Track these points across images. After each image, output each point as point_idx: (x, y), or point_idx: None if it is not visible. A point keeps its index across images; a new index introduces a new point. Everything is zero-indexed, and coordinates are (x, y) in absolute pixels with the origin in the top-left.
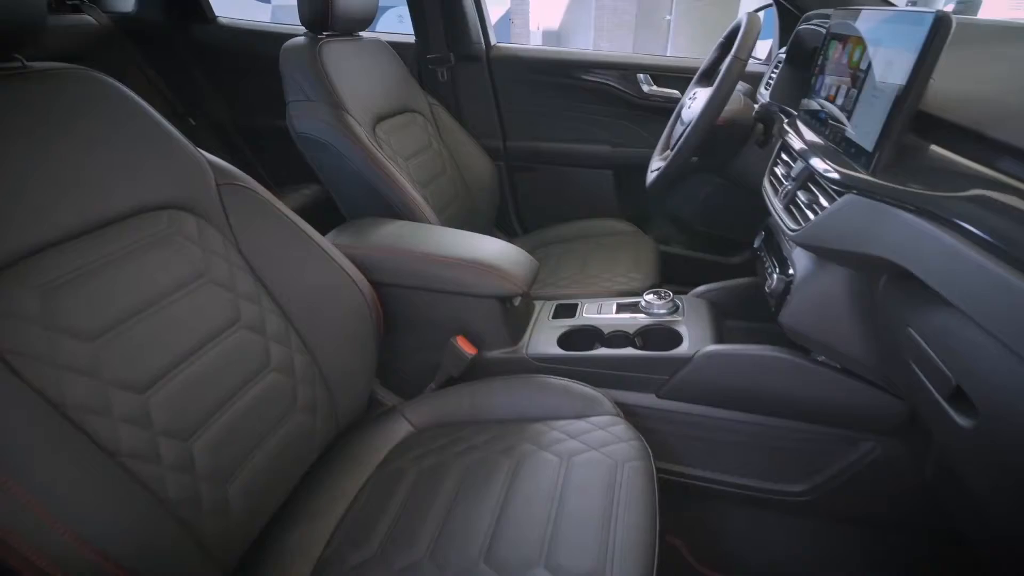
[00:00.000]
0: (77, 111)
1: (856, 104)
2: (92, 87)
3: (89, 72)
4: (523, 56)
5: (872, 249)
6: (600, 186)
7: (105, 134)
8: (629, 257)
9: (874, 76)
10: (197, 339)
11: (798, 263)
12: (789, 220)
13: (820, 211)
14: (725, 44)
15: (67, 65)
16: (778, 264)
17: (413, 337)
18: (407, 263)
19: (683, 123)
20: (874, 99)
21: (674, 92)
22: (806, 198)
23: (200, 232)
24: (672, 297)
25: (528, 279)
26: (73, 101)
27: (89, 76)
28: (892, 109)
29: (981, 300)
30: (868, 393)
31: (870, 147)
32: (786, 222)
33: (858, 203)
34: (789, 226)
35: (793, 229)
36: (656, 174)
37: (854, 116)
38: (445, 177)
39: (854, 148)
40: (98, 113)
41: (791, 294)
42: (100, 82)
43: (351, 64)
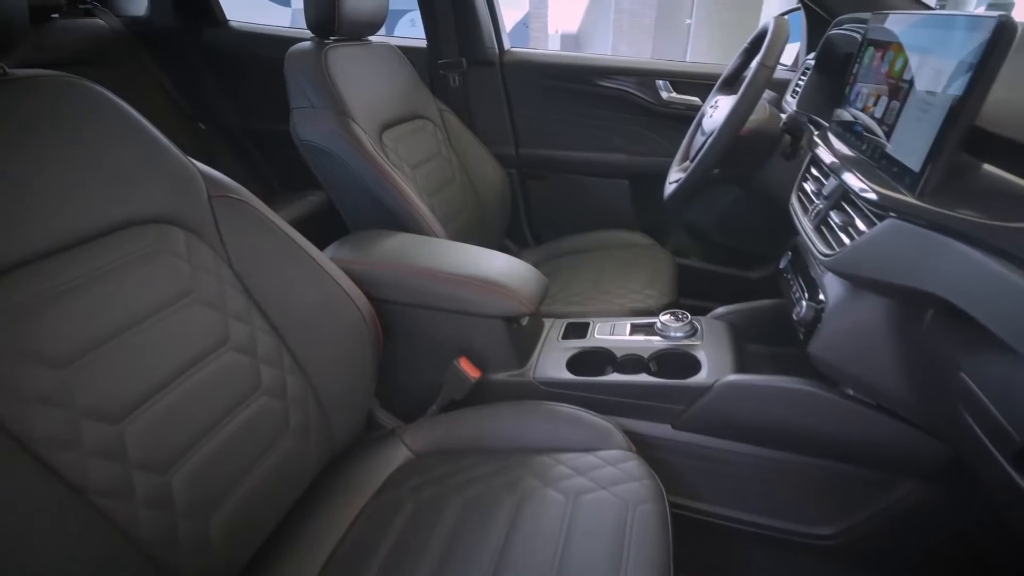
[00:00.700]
0: (60, 120)
1: (899, 118)
2: (78, 95)
3: (76, 80)
4: (537, 61)
5: (918, 282)
6: (615, 196)
7: (89, 144)
8: (644, 272)
9: (921, 87)
10: (181, 362)
11: (830, 290)
12: (820, 243)
13: (857, 235)
14: (750, 50)
15: (53, 72)
16: (807, 289)
17: (414, 357)
18: (408, 279)
19: (704, 133)
20: (921, 113)
21: (694, 99)
22: (840, 219)
23: (189, 247)
24: (690, 319)
25: (536, 298)
26: (56, 110)
27: (76, 84)
28: (944, 125)
29: None
30: (905, 433)
31: (916, 167)
32: (817, 245)
33: (902, 229)
34: (821, 250)
35: (825, 254)
36: (675, 187)
37: (896, 131)
38: (454, 185)
39: (896, 167)
40: (83, 122)
41: (822, 323)
42: (87, 90)
43: (358, 70)
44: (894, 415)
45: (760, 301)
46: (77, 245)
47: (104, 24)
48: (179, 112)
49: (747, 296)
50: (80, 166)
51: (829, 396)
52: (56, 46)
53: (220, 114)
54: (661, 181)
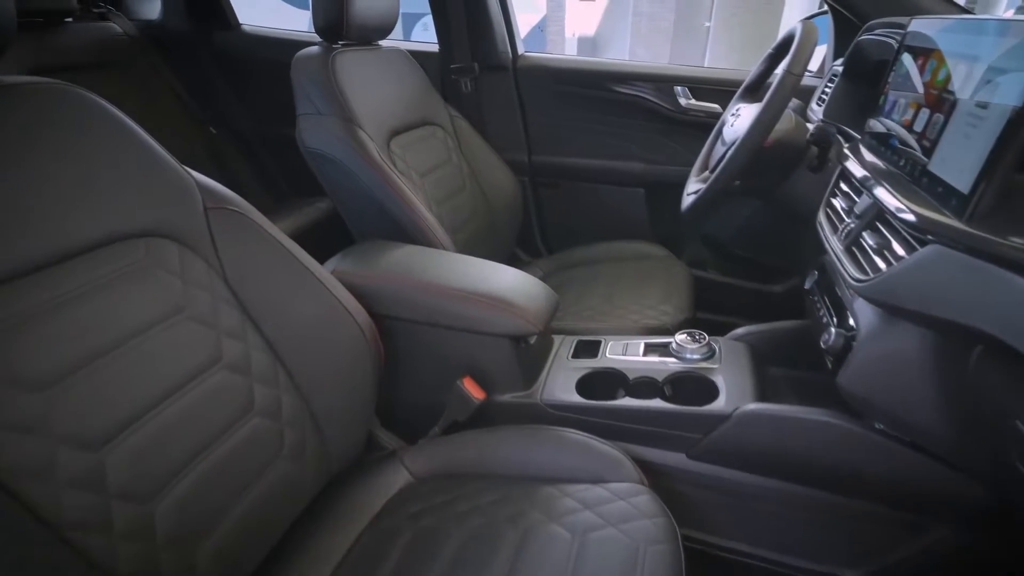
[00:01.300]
0: (47, 129)
1: (943, 132)
2: (71, 103)
3: (69, 88)
4: (552, 66)
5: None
6: (631, 205)
7: (78, 155)
8: (660, 286)
9: (969, 99)
10: (170, 383)
11: (861, 317)
12: (852, 266)
13: (894, 261)
14: (775, 56)
15: (46, 80)
16: (835, 313)
17: (417, 375)
18: (411, 294)
19: (724, 143)
20: (970, 128)
21: (714, 107)
22: (874, 241)
23: (182, 262)
24: (707, 340)
25: (545, 316)
26: (44, 118)
27: (69, 92)
28: (999, 141)
29: None
30: (941, 474)
31: (965, 188)
32: (848, 268)
33: (948, 257)
34: (853, 275)
35: (858, 279)
36: (693, 199)
37: (940, 147)
38: (464, 193)
39: (940, 186)
40: (73, 132)
41: (853, 353)
42: (81, 98)
43: (366, 75)
44: (929, 454)
45: (783, 322)
46: (60, 262)
47: (117, 28)
48: (191, 116)
49: (767, 311)
50: (67, 178)
51: (857, 430)
52: (69, 50)
53: (231, 118)
54: (678, 191)
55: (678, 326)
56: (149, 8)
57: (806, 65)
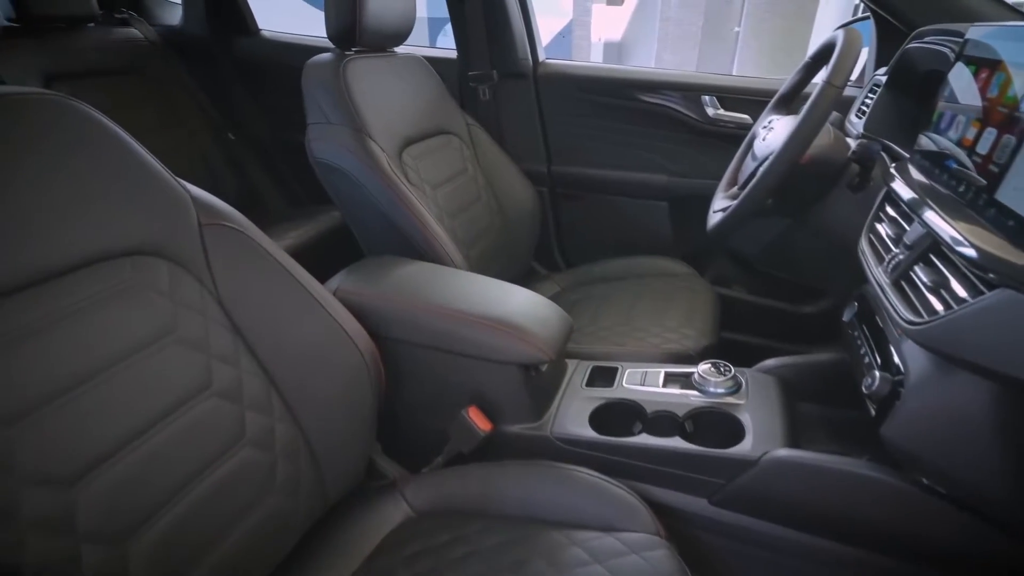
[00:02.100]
0: (35, 142)
1: (1015, 157)
2: (58, 114)
3: (60, 99)
4: (573, 73)
5: None
6: (653, 219)
7: (66, 170)
8: (682, 307)
9: None
10: (154, 412)
11: (911, 361)
12: (902, 304)
13: (954, 304)
14: (812, 65)
15: (34, 91)
16: (879, 353)
17: (421, 401)
18: (415, 317)
19: (756, 158)
20: None
21: (744, 117)
22: (929, 278)
23: (172, 281)
24: (733, 372)
25: (558, 344)
26: (33, 130)
27: (58, 103)
28: None
29: None
30: (995, 539)
31: None
32: (898, 307)
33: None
34: (904, 316)
35: (912, 322)
36: (720, 217)
37: (1012, 173)
38: (479, 205)
39: (1012, 219)
40: (61, 145)
41: (901, 402)
42: (70, 109)
43: (380, 83)
44: (982, 516)
45: (816, 355)
46: (38, 284)
47: (138, 34)
48: (209, 122)
49: (797, 334)
50: (53, 194)
51: (901, 485)
52: (90, 55)
53: (249, 124)
54: (703, 204)
55: (701, 352)
56: (170, 13)
57: (848, 77)
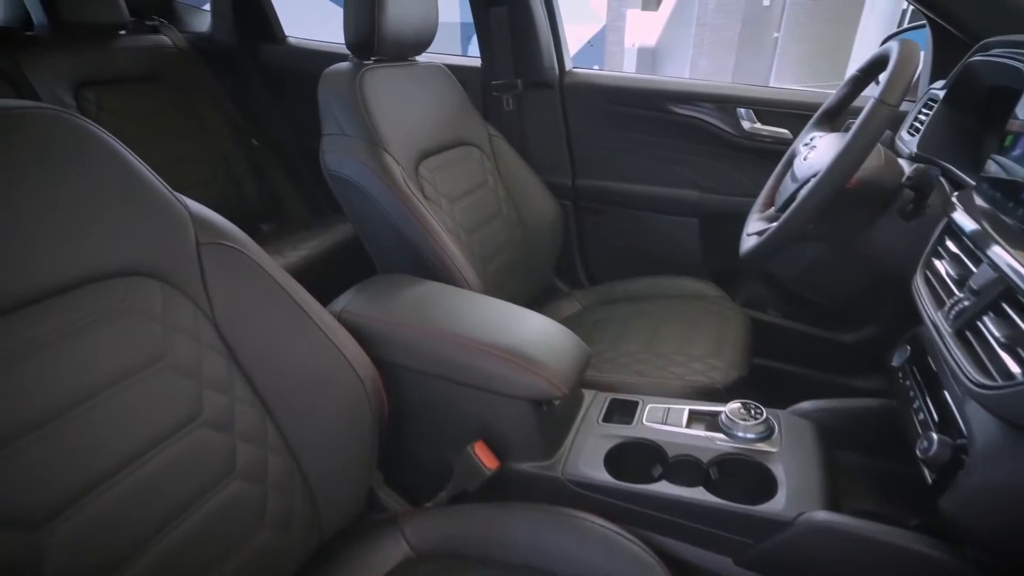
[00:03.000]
0: (27, 157)
1: None
2: (54, 129)
3: (55, 112)
4: (601, 83)
5: None
6: (682, 237)
7: (59, 186)
8: (710, 334)
9: None
10: (138, 444)
11: (978, 426)
12: (968, 361)
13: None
14: (862, 78)
15: (29, 104)
16: (935, 409)
17: (426, 432)
18: (421, 343)
19: (796, 179)
20: None
21: (783, 132)
22: (1002, 332)
23: (165, 304)
24: (764, 415)
25: (573, 378)
26: (25, 145)
27: (53, 117)
28: None
29: None
30: None
31: None
32: (962, 363)
33: None
34: (970, 374)
35: (982, 384)
36: (755, 241)
37: None
38: (500, 219)
39: None
40: (55, 160)
41: (964, 472)
42: (66, 123)
43: (398, 93)
44: None
45: (858, 401)
46: (20, 308)
47: (168, 41)
48: (233, 128)
49: (835, 363)
50: (43, 212)
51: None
52: (120, 62)
53: (273, 131)
54: (735, 223)
55: (729, 387)
56: (200, 21)
57: (904, 94)
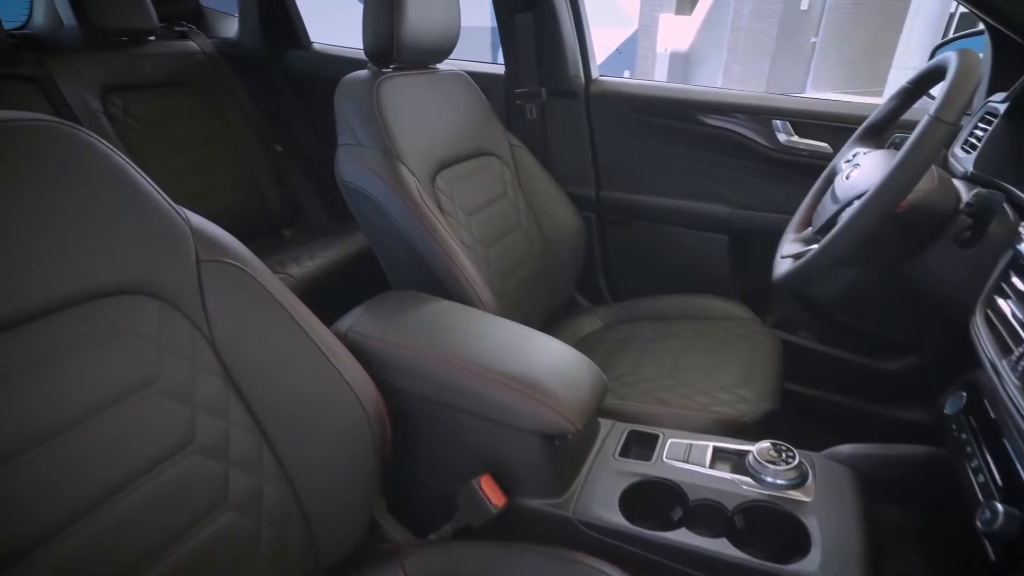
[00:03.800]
0: (22, 170)
1: None
2: (53, 142)
3: (54, 124)
4: (628, 92)
5: None
6: (711, 254)
7: (55, 200)
8: (739, 360)
9: None
10: (123, 473)
11: None
12: None
13: None
14: (912, 91)
15: (28, 116)
16: (998, 472)
17: (430, 461)
18: (426, 367)
19: (837, 200)
20: None
21: (822, 145)
22: None
23: (161, 323)
24: (797, 459)
25: (588, 412)
26: (21, 158)
27: (51, 129)
28: None
29: None
30: None
31: None
32: None
33: None
34: None
35: None
36: (790, 266)
37: None
38: (519, 232)
39: None
40: (52, 174)
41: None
42: (64, 136)
43: (416, 102)
44: None
45: (905, 447)
46: (14, 326)
47: (196, 47)
48: (258, 133)
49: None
50: (37, 227)
51: None
52: (147, 67)
53: (297, 137)
54: (768, 240)
55: (759, 422)
56: (229, 26)
57: (963, 111)
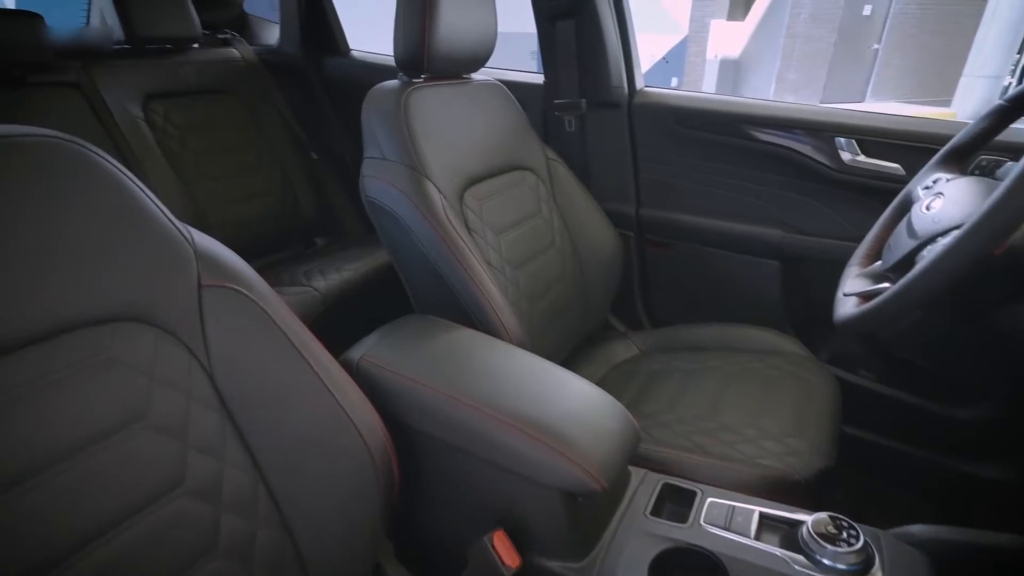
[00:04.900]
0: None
1: None
2: (51, 159)
3: (55, 141)
4: (675, 104)
5: None
6: (760, 280)
7: (45, 220)
8: (790, 404)
9: None
10: (106, 517)
11: None
12: None
13: None
14: (1009, 111)
15: (27, 130)
16: None
17: (441, 507)
18: (440, 408)
19: (915, 234)
20: None
21: (893, 167)
22: None
23: (156, 353)
24: (862, 540)
25: (616, 468)
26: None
27: (50, 145)
28: None
29: None
30: None
31: None
32: None
33: None
34: None
35: None
36: (858, 308)
37: None
38: (552, 251)
39: None
40: (43, 192)
41: None
42: (64, 152)
43: (448, 114)
44: None
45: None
46: None
47: (237, 54)
48: (294, 140)
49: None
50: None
51: None
52: (188, 74)
53: (333, 144)
54: (825, 268)
55: (813, 480)
56: (271, 33)
57: None
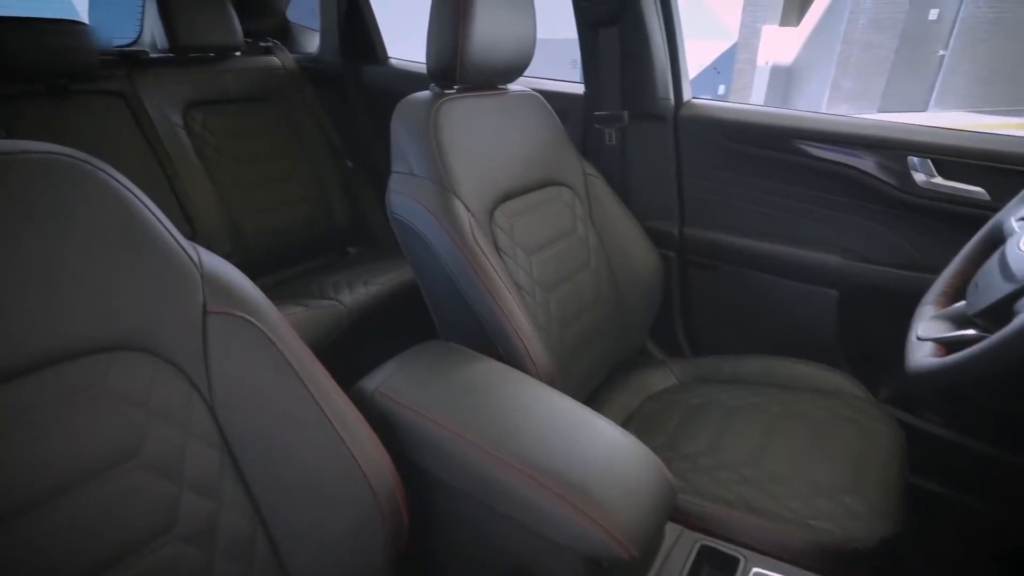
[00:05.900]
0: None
1: None
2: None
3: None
4: (725, 117)
5: None
6: (815, 311)
7: (46, 244)
8: (848, 453)
9: None
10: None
11: None
12: None
13: None
14: None
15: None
16: None
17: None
18: (454, 451)
19: (1012, 277)
20: None
21: (976, 190)
22: None
23: (154, 384)
24: None
25: (649, 533)
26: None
27: (56, 163)
28: None
29: None
30: None
31: None
32: None
33: None
34: None
35: None
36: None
37: None
38: (587, 272)
39: None
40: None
41: None
42: (70, 170)
43: (480, 127)
44: None
45: None
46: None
47: (278, 62)
48: (331, 149)
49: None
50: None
51: None
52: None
53: (368, 153)
54: (891, 301)
55: (874, 550)
56: (312, 42)
57: None
